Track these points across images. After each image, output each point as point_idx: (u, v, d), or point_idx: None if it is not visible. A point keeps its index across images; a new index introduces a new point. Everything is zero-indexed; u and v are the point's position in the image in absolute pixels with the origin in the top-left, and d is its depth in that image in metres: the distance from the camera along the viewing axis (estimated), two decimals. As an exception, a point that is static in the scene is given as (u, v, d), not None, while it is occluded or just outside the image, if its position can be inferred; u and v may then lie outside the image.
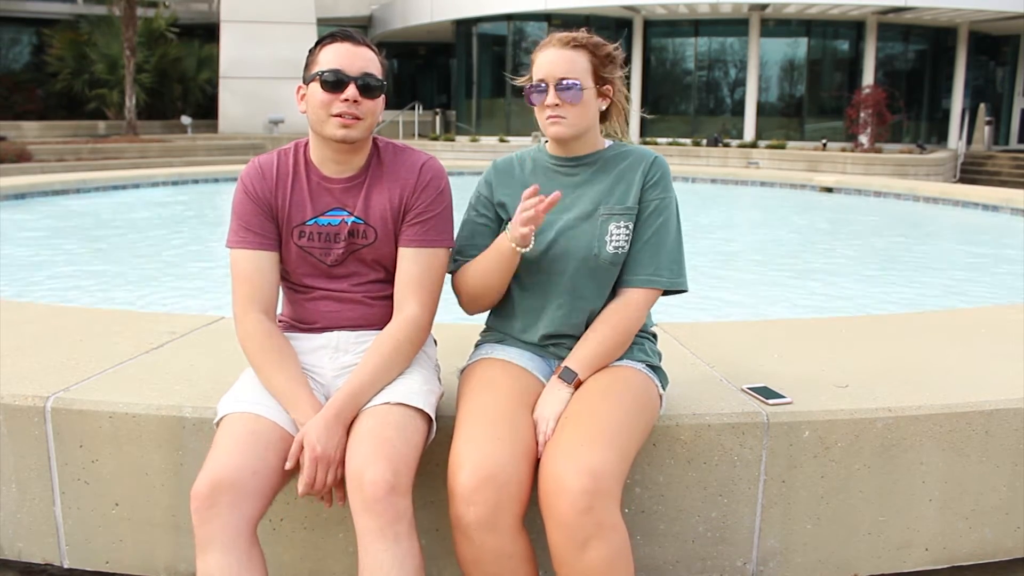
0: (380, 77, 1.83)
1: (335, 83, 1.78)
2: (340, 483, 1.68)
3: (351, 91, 1.78)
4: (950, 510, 2.17)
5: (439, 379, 2.01)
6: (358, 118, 1.80)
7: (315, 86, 1.80)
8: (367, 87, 1.80)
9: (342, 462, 1.67)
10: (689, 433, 2.03)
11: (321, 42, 1.85)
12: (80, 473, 2.08)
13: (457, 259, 1.98)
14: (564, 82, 1.82)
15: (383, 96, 1.86)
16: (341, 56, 1.80)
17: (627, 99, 1.98)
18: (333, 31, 1.85)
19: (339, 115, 1.79)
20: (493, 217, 1.98)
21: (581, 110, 1.85)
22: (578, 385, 1.82)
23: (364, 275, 1.93)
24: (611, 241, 1.88)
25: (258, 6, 21.64)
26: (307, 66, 1.86)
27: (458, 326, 2.00)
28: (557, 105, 1.83)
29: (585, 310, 1.92)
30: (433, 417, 1.82)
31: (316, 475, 1.64)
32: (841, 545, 2.14)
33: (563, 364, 1.85)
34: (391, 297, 1.94)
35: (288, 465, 1.65)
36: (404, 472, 1.61)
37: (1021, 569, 2.22)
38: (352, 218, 1.89)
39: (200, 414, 2.02)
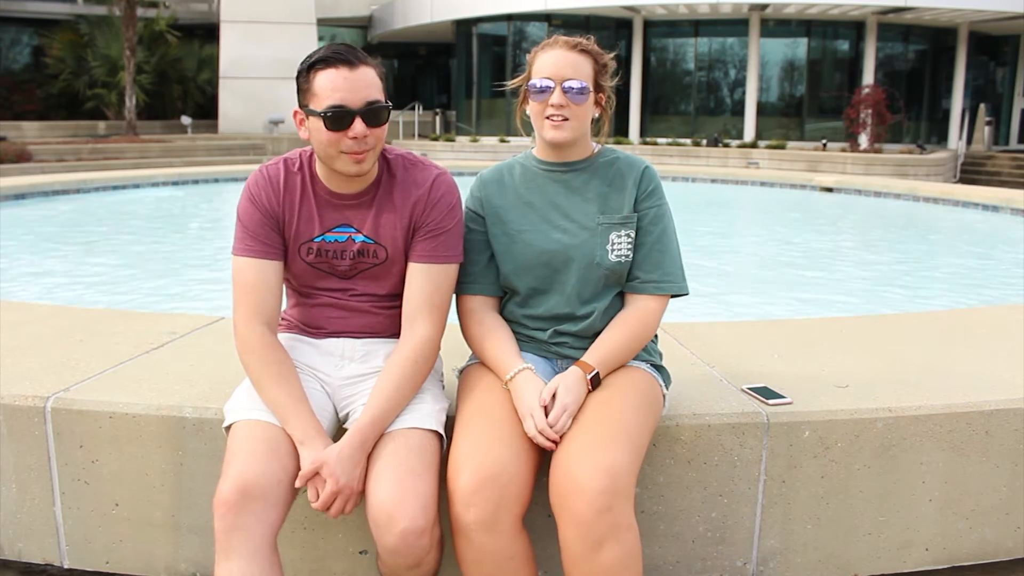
0: (383, 99, 1.73)
1: (339, 120, 1.67)
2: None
3: (359, 127, 1.68)
4: (950, 510, 2.17)
5: (443, 389, 2.01)
6: (369, 150, 1.73)
7: (318, 123, 1.70)
8: (373, 115, 1.70)
9: (362, 490, 1.67)
10: (689, 433, 2.03)
11: (314, 66, 1.70)
12: (80, 473, 2.08)
13: (461, 282, 1.95)
14: (571, 83, 1.80)
15: (389, 112, 1.77)
16: (340, 87, 1.67)
17: (612, 105, 1.97)
18: (326, 54, 1.70)
19: (349, 153, 1.71)
20: (485, 230, 1.97)
21: (582, 113, 1.85)
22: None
23: (370, 288, 1.91)
24: (613, 250, 1.88)
25: (258, 6, 21.64)
26: (301, 91, 1.73)
27: (457, 326, 2.00)
28: (562, 106, 1.81)
29: (589, 315, 1.92)
30: (444, 435, 1.81)
31: (334, 504, 1.64)
32: (841, 545, 2.14)
33: (591, 366, 1.81)
34: (397, 307, 1.92)
35: (297, 484, 1.64)
36: (432, 505, 1.62)
37: (1021, 569, 2.22)
38: (361, 236, 1.85)
39: (200, 414, 2.02)
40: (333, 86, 1.68)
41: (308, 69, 1.72)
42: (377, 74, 1.74)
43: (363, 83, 1.69)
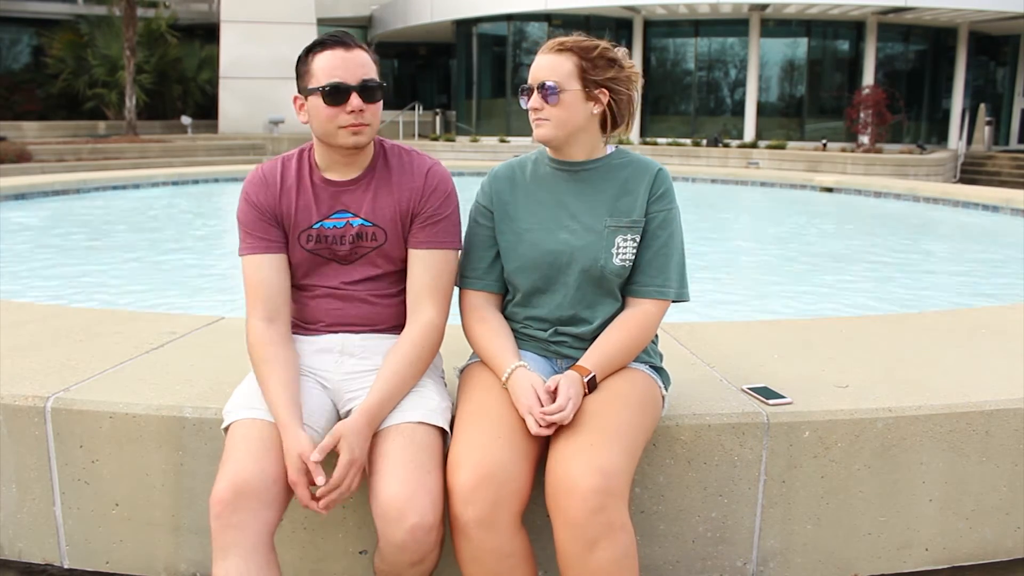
0: (377, 78, 1.83)
1: (337, 95, 1.77)
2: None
3: (355, 101, 1.77)
4: (950, 510, 2.17)
5: (446, 387, 2.02)
6: (366, 125, 1.80)
7: (317, 100, 1.79)
8: (368, 91, 1.80)
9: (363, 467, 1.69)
10: (689, 433, 2.03)
11: (312, 50, 1.82)
12: (80, 473, 2.08)
13: (466, 277, 1.97)
14: (544, 84, 1.82)
15: (382, 91, 1.86)
16: (337, 65, 1.78)
17: (633, 98, 1.92)
18: (322, 37, 1.83)
19: (347, 126, 1.79)
20: (492, 225, 1.97)
21: (562, 112, 1.83)
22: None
23: (369, 273, 1.93)
24: (618, 254, 1.88)
25: (258, 6, 21.65)
26: (301, 76, 1.83)
27: (457, 326, 2.01)
28: (538, 108, 1.84)
29: (590, 318, 1.92)
30: (449, 433, 1.82)
31: (346, 479, 1.64)
32: (841, 545, 2.14)
33: (588, 369, 1.81)
34: (396, 296, 1.95)
35: (317, 458, 1.62)
36: (440, 502, 1.64)
37: (1021, 569, 2.22)
38: (359, 220, 1.89)
39: (200, 414, 2.02)
40: (331, 65, 1.78)
41: (307, 54, 1.83)
42: (371, 58, 1.85)
43: (358, 62, 1.80)
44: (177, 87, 23.78)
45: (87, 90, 22.31)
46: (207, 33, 24.55)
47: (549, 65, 1.83)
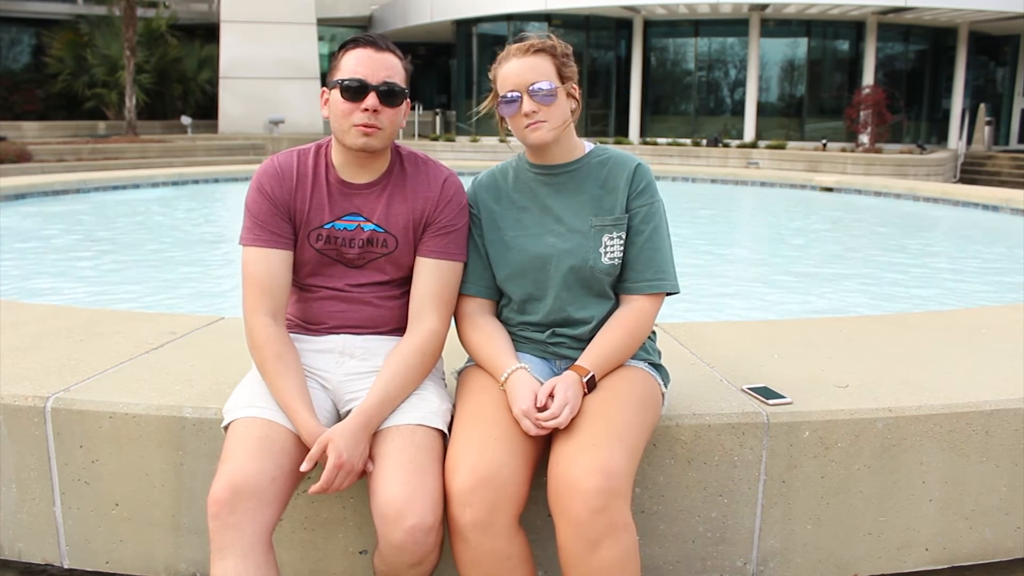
0: (403, 84, 1.82)
1: (356, 91, 1.77)
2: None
3: (371, 100, 1.77)
4: (950, 510, 2.17)
5: (446, 388, 2.02)
6: (378, 128, 1.79)
7: (336, 94, 1.79)
8: (388, 94, 1.79)
9: (362, 471, 1.69)
10: (689, 433, 2.03)
11: (345, 46, 1.83)
12: (80, 473, 2.08)
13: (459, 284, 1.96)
14: (537, 86, 1.81)
15: (406, 102, 1.85)
16: (363, 63, 1.78)
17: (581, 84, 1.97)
18: (358, 37, 1.84)
19: (359, 125, 1.78)
20: (481, 233, 1.97)
21: (557, 111, 1.84)
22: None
23: (376, 278, 1.93)
24: (606, 253, 1.88)
25: (258, 6, 21.64)
26: (330, 70, 1.85)
27: (454, 328, 2.01)
28: (534, 111, 1.82)
29: (586, 319, 1.92)
30: (448, 436, 1.82)
31: (334, 481, 1.65)
32: (841, 545, 2.15)
33: (587, 369, 1.80)
34: (399, 299, 1.94)
35: (305, 467, 1.65)
36: (440, 503, 1.64)
37: (1021, 569, 2.22)
38: (370, 225, 1.88)
39: (200, 414, 2.02)
40: (357, 62, 1.80)
41: (340, 49, 1.84)
42: (402, 65, 1.85)
43: (385, 65, 1.81)
44: (177, 87, 23.77)
45: (87, 90, 22.30)
46: (207, 33, 24.54)
47: (532, 67, 1.82)
